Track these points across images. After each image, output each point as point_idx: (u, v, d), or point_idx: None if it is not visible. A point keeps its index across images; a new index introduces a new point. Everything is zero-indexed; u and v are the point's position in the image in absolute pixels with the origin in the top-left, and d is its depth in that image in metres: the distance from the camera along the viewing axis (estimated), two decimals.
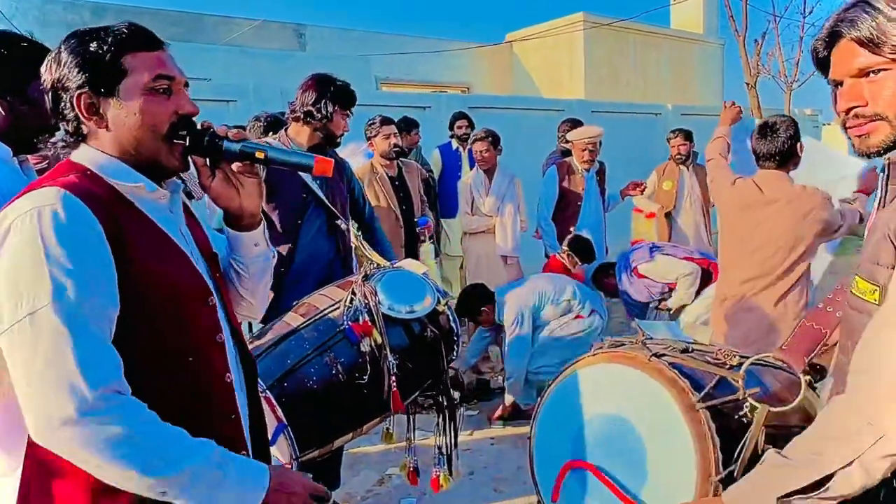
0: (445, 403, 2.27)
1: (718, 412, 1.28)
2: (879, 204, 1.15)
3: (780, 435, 1.30)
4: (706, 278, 3.98)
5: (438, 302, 2.16)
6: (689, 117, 10.06)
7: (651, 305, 4.20)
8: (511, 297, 3.89)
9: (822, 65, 1.12)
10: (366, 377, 1.90)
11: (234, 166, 1.21)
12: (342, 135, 2.79)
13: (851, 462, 0.94)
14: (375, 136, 4.14)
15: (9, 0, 10.36)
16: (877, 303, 1.05)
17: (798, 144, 2.72)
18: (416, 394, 2.20)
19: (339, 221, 2.77)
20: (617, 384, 1.41)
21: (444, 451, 2.28)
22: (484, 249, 4.83)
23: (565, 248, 4.35)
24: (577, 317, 3.91)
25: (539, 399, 1.57)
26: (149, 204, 1.13)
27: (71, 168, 1.09)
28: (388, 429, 2.28)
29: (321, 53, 12.26)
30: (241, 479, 1.03)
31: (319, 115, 2.66)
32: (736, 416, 1.29)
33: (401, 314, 2.01)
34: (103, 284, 1.00)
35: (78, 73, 1.08)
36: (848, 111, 1.08)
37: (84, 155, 1.11)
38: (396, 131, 4.21)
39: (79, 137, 1.12)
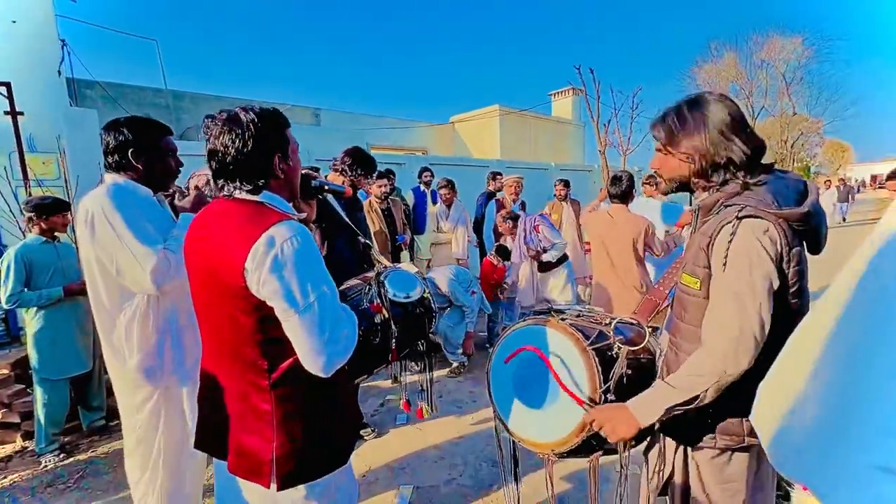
0: (425, 355, 2.32)
1: (599, 351, 1.39)
2: (693, 230, 1.25)
3: (635, 363, 1.42)
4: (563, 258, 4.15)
5: (425, 291, 2.20)
6: (565, 171, 10.42)
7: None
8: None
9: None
10: (377, 339, 1.91)
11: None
12: (362, 189, 2.82)
13: (707, 389, 1.07)
14: (373, 184, 4.21)
15: None
16: (698, 288, 1.16)
17: (633, 189, 2.94)
18: (408, 350, 2.23)
19: (360, 237, 2.79)
20: (537, 337, 1.49)
21: (424, 387, 2.32)
22: (444, 254, 4.91)
23: (493, 253, 4.44)
24: (472, 292, 4.02)
25: (491, 349, 1.62)
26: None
27: (271, 209, 1.12)
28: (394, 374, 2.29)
29: (331, 127, 12.06)
30: None
31: (351, 173, 2.68)
32: (609, 354, 1.39)
33: (400, 299, 2.01)
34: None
35: (275, 138, 1.11)
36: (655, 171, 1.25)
37: (269, 197, 1.13)
38: (387, 182, 4.30)
39: (261, 184, 1.13)
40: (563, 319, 1.48)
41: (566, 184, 5.68)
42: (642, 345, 1.37)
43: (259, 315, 1.06)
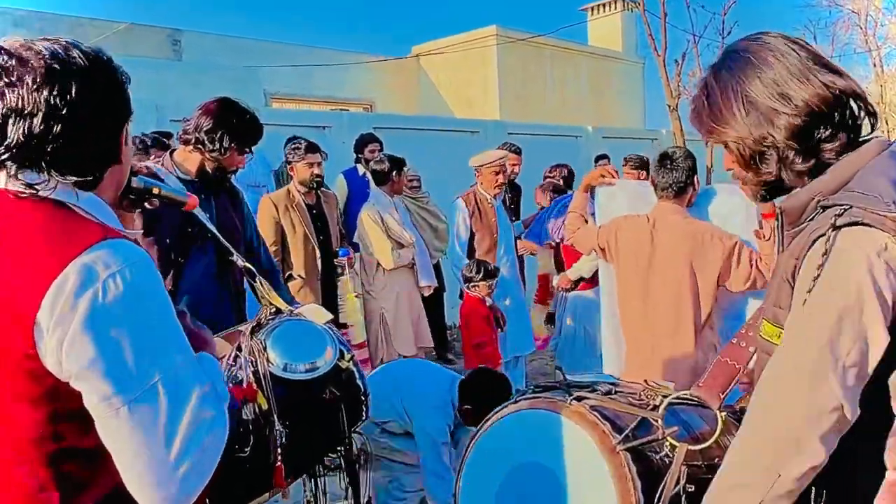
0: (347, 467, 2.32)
1: (639, 453, 1.43)
2: (779, 249, 1.32)
3: (702, 472, 1.47)
4: None
5: (342, 357, 2.12)
6: (610, 140, 10.63)
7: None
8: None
9: None
10: (247, 450, 1.85)
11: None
12: (236, 170, 2.82)
13: (761, 502, 1.10)
14: (298, 161, 4.28)
15: None
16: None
17: (695, 176, 3.02)
18: (311, 464, 2.23)
19: (233, 258, 2.76)
20: (539, 431, 1.53)
21: None
22: (401, 281, 4.90)
23: (469, 275, 4.49)
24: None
25: (463, 453, 1.67)
26: None
27: (87, 219, 1.17)
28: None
29: (201, 64, 12.04)
30: None
31: (212, 147, 2.67)
32: (657, 457, 1.44)
33: (293, 374, 1.97)
34: None
35: (120, 100, 1.20)
36: None
37: (89, 201, 1.19)
38: (321, 160, 4.35)
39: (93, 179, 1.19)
40: (581, 399, 1.53)
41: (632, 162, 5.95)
42: (712, 440, 1.43)
43: (53, 408, 1.06)
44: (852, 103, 1.21)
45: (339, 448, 2.28)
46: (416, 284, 4.85)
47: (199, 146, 2.69)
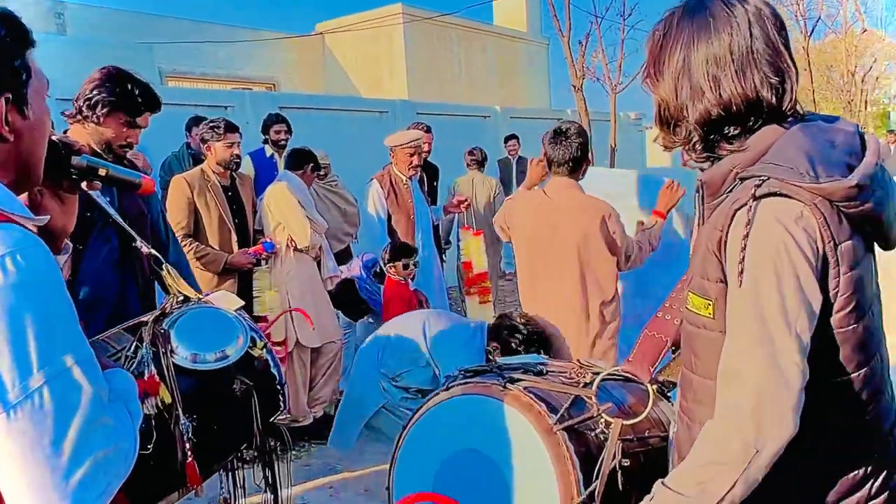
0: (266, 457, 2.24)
1: (576, 432, 1.43)
2: (699, 222, 1.34)
3: (635, 446, 1.49)
4: None
5: (254, 345, 2.07)
6: (518, 120, 10.78)
7: None
8: None
9: None
10: (150, 446, 1.72)
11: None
12: (129, 145, 2.62)
13: (735, 483, 1.11)
14: (217, 141, 4.10)
15: None
16: (711, 316, 1.23)
17: (588, 153, 3.08)
18: (226, 460, 2.14)
19: (136, 243, 2.58)
20: (474, 417, 1.51)
21: None
22: (308, 272, 4.80)
23: (387, 259, 4.44)
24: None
25: (395, 443, 1.63)
26: None
27: None
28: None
29: (88, 38, 11.32)
30: None
31: (89, 114, 2.48)
32: (592, 434, 1.45)
33: (205, 364, 1.88)
34: None
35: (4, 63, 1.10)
36: None
37: None
38: (240, 140, 4.23)
39: None
40: (515, 381, 1.51)
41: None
42: (645, 414, 1.44)
43: None
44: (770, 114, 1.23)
45: (254, 440, 2.20)
46: (320, 275, 4.74)
47: (82, 118, 2.49)
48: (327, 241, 4.82)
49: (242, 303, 2.37)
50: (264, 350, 2.22)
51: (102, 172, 1.22)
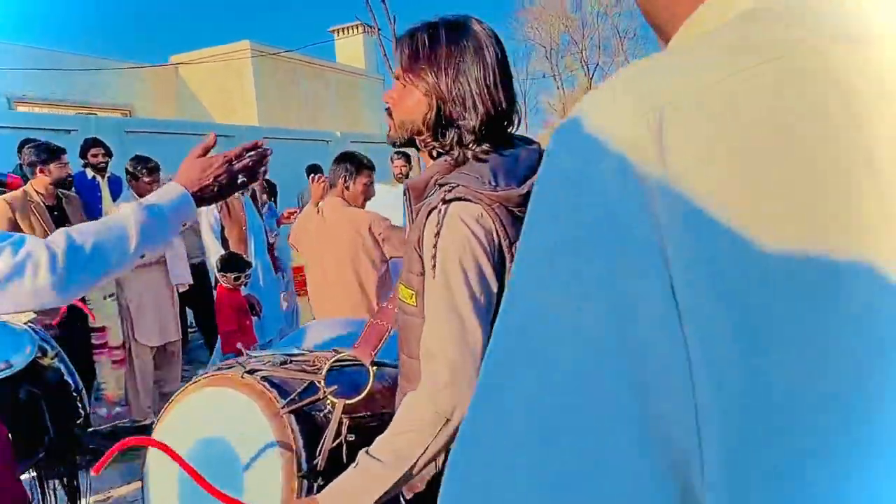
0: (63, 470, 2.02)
1: (305, 414, 1.37)
2: (409, 221, 1.34)
3: (367, 421, 1.45)
4: None
5: (43, 354, 1.88)
6: (357, 144, 10.70)
7: None
8: None
9: None
10: None
11: None
12: None
13: (426, 448, 1.10)
14: (51, 163, 3.81)
15: None
16: (415, 304, 1.23)
17: (361, 171, 3.15)
18: (28, 467, 1.91)
19: None
20: (214, 406, 1.42)
21: None
22: (150, 280, 4.41)
23: (220, 270, 4.22)
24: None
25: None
26: None
27: None
28: None
29: None
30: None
31: None
32: (321, 415, 1.40)
33: None
34: None
35: None
36: None
37: None
38: (64, 163, 3.98)
39: None
40: (253, 372, 1.43)
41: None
42: (364, 393, 1.41)
43: None
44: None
45: (43, 447, 1.96)
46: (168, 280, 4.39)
47: None
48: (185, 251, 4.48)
49: (33, 314, 2.13)
50: (56, 359, 2.01)
51: None
